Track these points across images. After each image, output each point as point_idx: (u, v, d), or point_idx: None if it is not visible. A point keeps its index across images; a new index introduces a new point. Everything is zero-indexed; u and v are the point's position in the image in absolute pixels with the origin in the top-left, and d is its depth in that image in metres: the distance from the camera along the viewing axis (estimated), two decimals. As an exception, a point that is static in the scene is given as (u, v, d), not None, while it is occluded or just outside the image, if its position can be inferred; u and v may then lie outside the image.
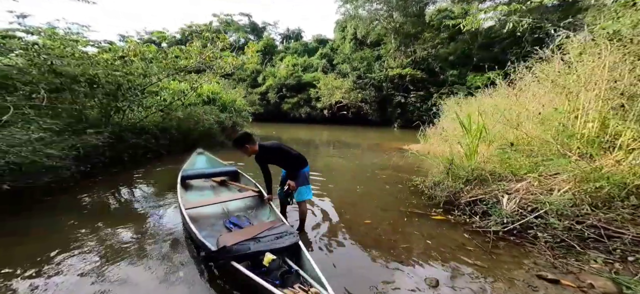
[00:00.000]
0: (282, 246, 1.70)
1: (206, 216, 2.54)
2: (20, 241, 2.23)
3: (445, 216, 2.88)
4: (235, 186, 3.26)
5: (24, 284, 1.74)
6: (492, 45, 15.94)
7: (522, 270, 1.94)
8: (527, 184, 2.57)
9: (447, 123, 6.34)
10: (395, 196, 3.70)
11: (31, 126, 2.52)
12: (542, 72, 3.53)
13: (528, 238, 2.26)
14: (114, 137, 4.22)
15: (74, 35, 4.41)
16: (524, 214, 2.34)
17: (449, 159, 3.34)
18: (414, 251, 2.28)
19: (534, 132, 3.23)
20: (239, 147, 2.31)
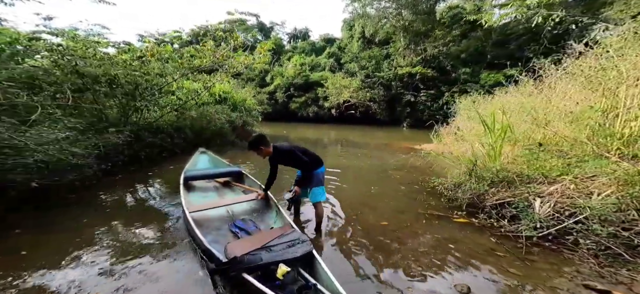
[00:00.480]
0: (296, 256, 1.57)
1: (210, 219, 2.42)
2: (47, 237, 2.28)
3: (468, 219, 2.74)
4: (240, 187, 3.10)
5: (49, 277, 1.77)
6: (508, 42, 15.34)
7: (563, 278, 1.80)
8: (562, 186, 2.40)
9: (462, 122, 6.12)
10: (412, 197, 3.57)
11: (58, 125, 2.58)
12: (577, 67, 3.30)
13: (566, 245, 2.10)
14: (132, 136, 4.30)
15: (95, 37, 4.53)
16: (561, 218, 2.18)
17: (471, 159, 3.19)
18: (438, 255, 2.16)
19: (565, 131, 3.03)
20: (254, 149, 2.28)
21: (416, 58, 17.97)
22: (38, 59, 4.06)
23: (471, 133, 4.68)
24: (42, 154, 2.30)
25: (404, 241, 2.38)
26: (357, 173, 5.28)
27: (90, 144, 3.05)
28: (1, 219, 2.40)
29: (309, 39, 30.83)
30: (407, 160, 6.20)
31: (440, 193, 3.49)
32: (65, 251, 2.05)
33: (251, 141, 2.28)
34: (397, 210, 3.14)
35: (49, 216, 2.63)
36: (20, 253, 2.01)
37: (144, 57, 4.66)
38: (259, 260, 1.51)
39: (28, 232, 2.31)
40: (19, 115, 2.52)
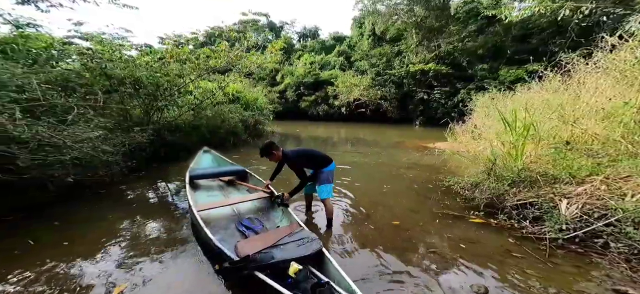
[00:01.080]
0: (307, 254, 1.57)
1: (217, 218, 2.40)
2: (83, 230, 2.46)
3: (486, 220, 2.65)
4: (244, 186, 3.07)
5: (87, 267, 1.93)
6: (529, 37, 14.47)
7: (591, 283, 1.70)
8: (592, 187, 2.26)
9: (479, 120, 5.88)
10: (426, 196, 3.50)
11: (90, 124, 2.79)
12: (610, 61, 3.07)
13: (595, 248, 1.98)
14: (154, 135, 4.54)
15: (119, 40, 4.82)
16: (590, 220, 2.06)
17: (490, 158, 3.07)
18: (452, 255, 2.10)
19: (596, 129, 2.84)
20: (265, 155, 2.43)
21: (429, 55, 17.44)
22: (69, 62, 4.39)
23: (489, 131, 4.49)
24: (77, 151, 2.50)
25: (416, 240, 2.35)
26: (368, 171, 5.25)
27: (118, 142, 3.27)
28: (42, 211, 2.64)
29: (319, 38, 30.82)
30: (420, 158, 6.07)
31: (456, 193, 3.39)
32: (99, 243, 2.21)
33: (262, 148, 2.43)
34: (410, 209, 3.10)
35: (84, 210, 2.84)
36: (62, 243, 2.19)
37: (164, 59, 4.90)
38: (270, 258, 1.51)
39: (67, 224, 2.51)
40: (56, 115, 2.75)
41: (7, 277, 1.74)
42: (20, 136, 2.15)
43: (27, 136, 2.16)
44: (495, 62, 15.54)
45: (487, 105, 6.23)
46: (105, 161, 3.01)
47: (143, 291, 1.66)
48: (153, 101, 4.91)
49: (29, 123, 2.19)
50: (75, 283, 1.73)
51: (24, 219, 2.48)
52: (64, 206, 2.82)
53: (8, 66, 2.90)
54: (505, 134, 3.49)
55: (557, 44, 11.83)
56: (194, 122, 6.19)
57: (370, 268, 1.95)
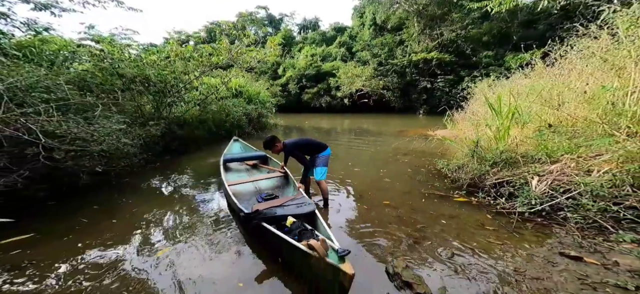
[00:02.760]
0: (301, 212, 2.06)
1: (242, 192, 3.00)
2: (119, 210, 2.83)
3: (467, 198, 2.89)
4: (265, 168, 3.76)
5: (131, 236, 2.29)
6: (536, 22, 14.01)
7: (543, 248, 1.95)
8: (562, 165, 2.45)
9: (478, 107, 5.99)
10: (418, 179, 3.74)
11: (110, 119, 3.14)
12: (588, 48, 3.17)
13: (557, 220, 2.21)
14: (167, 129, 4.91)
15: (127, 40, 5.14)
16: (555, 195, 2.28)
17: (474, 141, 3.27)
18: (431, 228, 2.37)
19: (579, 112, 2.99)
20: (269, 148, 2.84)
21: (432, 43, 17.13)
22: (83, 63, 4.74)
23: (484, 117, 4.64)
24: (106, 144, 2.86)
25: (404, 217, 2.60)
26: (367, 158, 5.50)
27: (135, 135, 3.64)
28: (84, 196, 3.02)
29: (319, 29, 30.46)
30: (418, 145, 6.26)
31: (444, 175, 3.63)
32: (138, 221, 2.57)
33: (265, 142, 2.86)
34: (402, 191, 3.35)
35: (114, 196, 3.22)
36: (111, 220, 2.57)
37: (169, 57, 5.20)
38: (273, 213, 2.04)
39: (105, 207, 2.89)
40: (79, 112, 3.10)
41: (86, 243, 2.16)
42: (54, 132, 2.51)
43: (61, 131, 2.52)
44: (501, 49, 15.18)
45: (485, 91, 6.29)
46: (126, 153, 3.38)
47: (180, 257, 2.00)
48: (162, 97, 5.26)
49: (62, 120, 2.53)
50: (132, 246, 2.15)
51: (65, 204, 2.86)
52: (96, 193, 3.20)
53: (31, 69, 3.24)
54: (492, 119, 3.66)
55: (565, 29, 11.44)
56: (201, 116, 6.54)
57: (357, 239, 2.22)
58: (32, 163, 2.36)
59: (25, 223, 2.35)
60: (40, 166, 2.37)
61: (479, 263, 1.86)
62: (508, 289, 1.56)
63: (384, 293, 1.65)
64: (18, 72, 2.80)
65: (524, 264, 1.79)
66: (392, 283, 1.75)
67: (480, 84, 7.12)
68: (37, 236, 2.19)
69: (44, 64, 3.89)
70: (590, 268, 1.68)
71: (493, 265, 1.82)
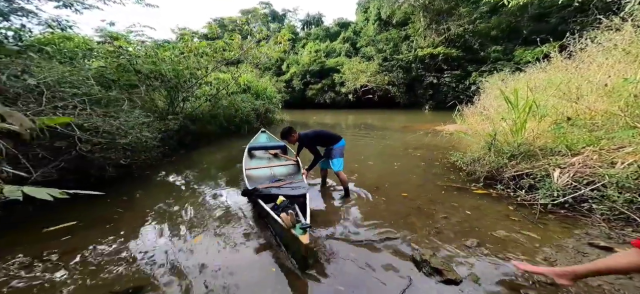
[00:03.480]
0: (293, 194, 2.32)
1: (259, 176, 3.34)
2: (147, 201, 2.92)
3: (486, 190, 2.91)
4: (283, 157, 4.06)
5: (164, 225, 2.39)
6: (548, 16, 13.70)
7: (572, 239, 1.97)
8: (584, 157, 2.46)
9: (489, 101, 5.95)
10: (432, 172, 3.77)
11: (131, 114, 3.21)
12: (610, 41, 3.13)
13: (581, 211, 2.23)
14: (184, 123, 4.99)
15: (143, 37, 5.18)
16: (578, 187, 2.29)
17: (491, 134, 3.28)
18: (453, 219, 2.40)
19: (599, 105, 2.97)
20: (285, 137, 2.95)
21: (438, 38, 16.93)
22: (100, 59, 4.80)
23: (497, 111, 4.62)
24: (132, 136, 2.94)
25: (422, 208, 2.63)
26: (379, 152, 5.53)
27: (154, 129, 3.71)
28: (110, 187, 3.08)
29: (323, 25, 30.25)
30: (428, 140, 6.27)
31: (459, 168, 3.65)
32: (169, 212, 2.67)
33: (283, 132, 2.95)
34: (417, 184, 3.38)
35: (140, 188, 3.30)
36: (144, 210, 2.69)
37: (183, 53, 5.24)
38: (269, 192, 2.36)
39: (135, 198, 2.98)
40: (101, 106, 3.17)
41: (125, 231, 2.26)
42: (83, 125, 2.58)
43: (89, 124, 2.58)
44: (510, 44, 14.93)
45: (497, 86, 6.24)
46: (147, 146, 3.46)
47: (214, 244, 2.08)
48: (176, 92, 5.31)
49: (95, 114, 2.60)
50: (166, 235, 2.24)
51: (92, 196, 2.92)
52: (121, 185, 3.28)
53: (54, 65, 3.31)
54: (508, 113, 3.65)
55: (579, 23, 11.22)
56: (212, 112, 6.61)
57: (379, 229, 2.25)
58: (65, 155, 2.43)
59: (65, 212, 2.44)
60: (71, 158, 2.44)
61: (506, 252, 1.89)
62: (541, 277, 1.59)
63: (412, 277, 1.68)
64: (46, 68, 2.87)
65: (553, 254, 1.82)
66: (421, 271, 1.79)
67: (492, 78, 7.05)
68: (80, 223, 2.28)
69: (63, 60, 3.96)
70: (619, 256, 1.70)
71: (521, 254, 1.86)
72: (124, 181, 3.36)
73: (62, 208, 2.51)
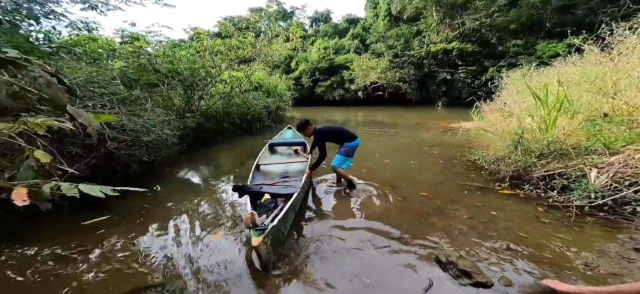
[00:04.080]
0: (281, 192, 2.30)
1: (271, 171, 3.38)
2: (170, 195, 3.01)
3: (513, 191, 2.78)
4: (302, 154, 4.05)
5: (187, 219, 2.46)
6: (574, 7, 12.83)
7: (614, 243, 1.84)
8: (625, 157, 2.28)
9: (510, 97, 5.67)
10: (451, 171, 3.64)
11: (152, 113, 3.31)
12: None
13: (624, 214, 2.07)
14: (201, 121, 5.11)
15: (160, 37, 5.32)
16: (619, 188, 2.13)
17: (517, 132, 3.12)
18: (478, 220, 2.29)
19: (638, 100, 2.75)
20: (301, 130, 2.95)
21: (452, 33, 16.31)
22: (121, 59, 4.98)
23: (520, 108, 4.40)
24: (154, 134, 3.03)
25: (443, 209, 2.53)
26: (393, 149, 5.42)
27: (174, 126, 3.82)
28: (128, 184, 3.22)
29: (331, 22, 29.98)
30: (444, 137, 6.08)
31: (481, 167, 3.50)
32: (191, 207, 2.74)
33: (299, 125, 2.94)
34: (436, 182, 3.27)
35: (163, 183, 3.40)
36: (166, 205, 2.77)
37: (199, 52, 5.35)
38: (258, 189, 2.36)
39: (157, 194, 3.07)
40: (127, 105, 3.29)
41: (153, 226, 2.34)
42: (110, 123, 2.68)
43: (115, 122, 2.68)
44: (531, 37, 14.15)
45: (518, 81, 5.94)
46: (168, 143, 3.56)
47: (236, 239, 2.12)
48: (192, 91, 5.44)
49: (122, 112, 2.70)
50: (190, 229, 2.30)
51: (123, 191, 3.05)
52: (145, 181, 3.33)
53: (83, 66, 3.46)
54: (536, 109, 3.46)
55: (608, 14, 10.45)
56: (226, 109, 6.72)
57: (398, 229, 2.16)
58: (95, 152, 2.54)
59: (98, 207, 2.51)
60: (100, 155, 2.55)
61: (540, 255, 1.79)
62: (582, 282, 1.49)
63: (435, 279, 1.62)
64: (76, 69, 3.00)
65: (595, 259, 1.70)
66: (447, 273, 1.73)
67: (513, 73, 6.71)
68: (114, 217, 2.38)
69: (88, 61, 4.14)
70: (672, 264, 1.57)
71: (557, 258, 1.75)
72: (148, 177, 3.48)
73: (94, 203, 2.64)
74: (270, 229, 1.66)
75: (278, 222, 1.78)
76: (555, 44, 12.29)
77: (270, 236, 1.67)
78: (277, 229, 1.78)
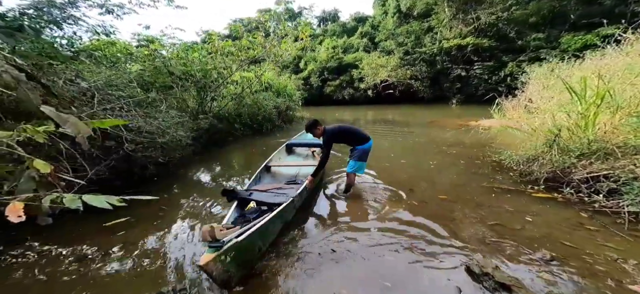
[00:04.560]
0: (268, 201, 2.11)
1: (281, 173, 3.23)
2: (177, 200, 2.98)
3: (549, 194, 2.53)
4: (318, 158, 3.85)
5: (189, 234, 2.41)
6: (602, -3, 11.94)
7: (682, 255, 1.60)
8: (688, 156, 2.00)
9: (536, 92, 5.30)
10: (473, 172, 3.41)
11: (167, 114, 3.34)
12: None
13: (689, 221, 1.81)
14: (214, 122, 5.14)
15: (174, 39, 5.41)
16: (684, 192, 1.86)
17: (553, 130, 2.85)
18: (510, 226, 2.08)
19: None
20: (310, 130, 2.74)
21: (466, 28, 15.66)
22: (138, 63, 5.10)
23: (550, 103, 4.07)
24: (169, 136, 3.04)
25: (468, 213, 2.33)
26: (409, 150, 5.20)
27: (188, 128, 3.84)
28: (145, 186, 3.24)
29: (339, 21, 29.77)
30: (462, 136, 5.79)
31: (508, 168, 3.25)
32: (205, 207, 2.73)
33: (308, 125, 2.75)
34: (458, 184, 3.06)
35: (179, 184, 3.43)
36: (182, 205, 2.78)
37: (211, 53, 5.40)
38: (246, 195, 2.19)
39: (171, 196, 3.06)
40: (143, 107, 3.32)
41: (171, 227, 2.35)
42: (128, 125, 2.70)
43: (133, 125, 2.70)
44: (554, 30, 13.32)
45: (546, 76, 5.54)
46: (182, 145, 3.57)
47: None
48: (205, 92, 5.48)
49: (139, 114, 2.71)
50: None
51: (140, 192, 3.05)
52: (161, 182, 3.39)
53: (102, 70, 3.54)
54: (572, 104, 3.16)
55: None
56: (237, 110, 6.75)
57: (418, 238, 1.97)
58: (114, 155, 2.57)
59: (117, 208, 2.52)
60: (119, 158, 2.57)
61: (592, 268, 1.58)
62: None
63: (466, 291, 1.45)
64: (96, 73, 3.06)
65: (660, 272, 1.47)
66: (480, 284, 1.56)
67: (539, 68, 6.28)
68: (132, 219, 2.39)
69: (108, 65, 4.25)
70: None
71: (613, 271, 1.54)
72: (163, 178, 3.51)
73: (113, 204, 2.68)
74: (230, 246, 1.42)
75: (247, 237, 1.53)
76: (582, 36, 11.47)
77: (232, 252, 1.43)
78: (247, 244, 1.54)
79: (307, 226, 2.25)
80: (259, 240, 1.70)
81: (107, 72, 3.38)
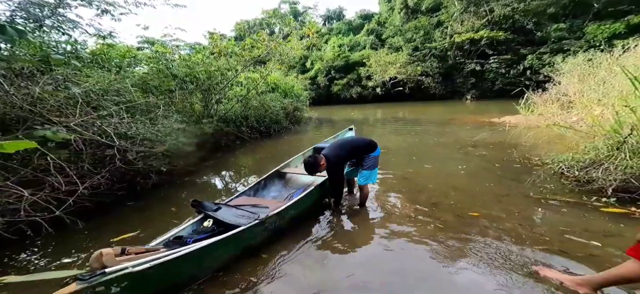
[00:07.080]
0: (227, 221, 1.79)
1: (295, 181, 2.93)
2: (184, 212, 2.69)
3: (624, 208, 2.08)
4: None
5: None
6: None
7: None
8: None
9: (571, 86, 4.77)
10: (512, 179, 2.96)
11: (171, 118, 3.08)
12: None
13: None
14: (216, 127, 4.88)
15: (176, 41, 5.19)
16: None
17: (617, 129, 2.39)
18: (582, 251, 1.64)
19: None
20: (314, 170, 2.25)
21: (479, 21, 14.92)
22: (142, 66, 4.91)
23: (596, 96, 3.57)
24: (169, 143, 2.77)
25: (516, 235, 1.87)
26: (428, 152, 4.73)
27: (191, 134, 3.57)
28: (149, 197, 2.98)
29: (345, 19, 29.25)
30: (486, 135, 5.28)
31: (560, 173, 2.79)
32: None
33: (309, 168, 2.24)
34: (497, 194, 2.62)
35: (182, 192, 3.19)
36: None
37: (214, 54, 5.15)
38: (210, 209, 1.92)
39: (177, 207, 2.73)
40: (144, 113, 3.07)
41: None
42: (126, 133, 2.44)
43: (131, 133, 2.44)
44: (577, 20, 12.46)
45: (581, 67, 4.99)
46: (184, 152, 3.31)
47: None
48: (210, 94, 5.24)
49: (131, 121, 2.45)
50: None
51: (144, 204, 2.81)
52: (165, 192, 3.14)
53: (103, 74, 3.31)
54: (635, 97, 2.67)
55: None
56: (244, 112, 6.49)
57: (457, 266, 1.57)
58: (110, 166, 2.31)
59: (126, 222, 2.32)
60: (117, 168, 2.31)
61: None
62: None
63: None
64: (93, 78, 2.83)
65: None
66: None
67: (574, 59, 5.71)
68: (141, 234, 2.16)
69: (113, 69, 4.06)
70: None
71: None
72: (167, 189, 3.25)
73: (122, 218, 2.46)
74: (111, 279, 1.08)
75: (153, 266, 1.21)
76: (609, 25, 10.64)
77: (118, 283, 1.11)
78: (155, 273, 1.23)
79: (301, 257, 1.83)
80: (187, 267, 1.46)
81: (109, 77, 3.15)
